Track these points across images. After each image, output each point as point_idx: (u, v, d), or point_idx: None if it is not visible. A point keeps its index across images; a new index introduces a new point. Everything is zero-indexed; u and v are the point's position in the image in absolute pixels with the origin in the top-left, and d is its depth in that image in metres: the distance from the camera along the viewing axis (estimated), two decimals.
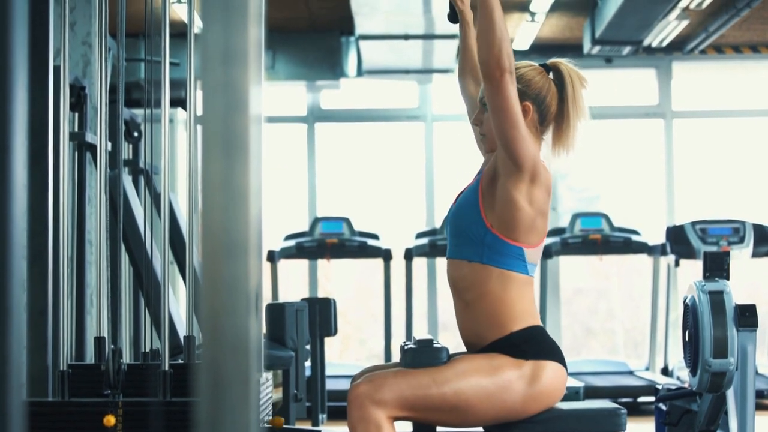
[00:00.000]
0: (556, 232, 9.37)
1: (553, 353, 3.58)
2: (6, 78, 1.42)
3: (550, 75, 3.72)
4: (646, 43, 9.69)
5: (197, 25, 1.66)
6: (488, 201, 3.58)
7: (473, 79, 3.98)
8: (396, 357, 5.74)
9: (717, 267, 4.65)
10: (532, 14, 9.24)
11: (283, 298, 9.50)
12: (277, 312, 5.46)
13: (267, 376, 3.99)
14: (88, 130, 5.49)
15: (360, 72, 10.32)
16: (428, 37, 8.98)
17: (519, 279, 3.58)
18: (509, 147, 3.49)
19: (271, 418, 4.00)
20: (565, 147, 3.71)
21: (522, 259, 3.58)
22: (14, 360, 1.42)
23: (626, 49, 9.63)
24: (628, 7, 8.18)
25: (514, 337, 3.56)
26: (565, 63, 3.73)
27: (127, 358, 6.22)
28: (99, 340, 3.93)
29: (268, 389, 4.01)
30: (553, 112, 3.69)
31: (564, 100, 3.68)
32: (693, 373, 4.55)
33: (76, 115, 5.51)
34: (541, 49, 10.57)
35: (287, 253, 9.32)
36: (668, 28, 9.32)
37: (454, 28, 4.11)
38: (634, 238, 9.35)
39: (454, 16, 4.05)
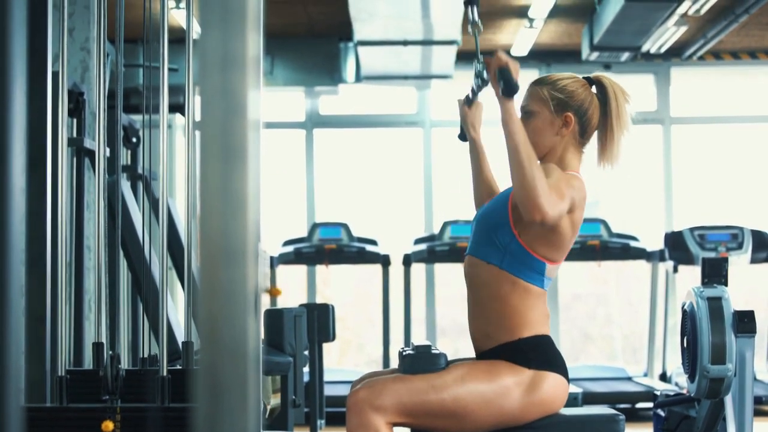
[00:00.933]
0: None
1: (557, 365, 3.58)
2: (5, 83, 1.42)
3: (593, 88, 3.75)
4: (644, 49, 9.69)
5: (196, 31, 1.66)
6: (518, 214, 3.56)
7: (489, 195, 3.98)
8: (395, 363, 5.75)
9: (715, 273, 4.65)
10: (531, 20, 9.25)
11: (281, 303, 9.49)
12: (275, 318, 5.46)
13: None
14: (87, 135, 5.49)
15: (358, 78, 10.32)
16: (427, 42, 8.98)
17: (533, 291, 3.59)
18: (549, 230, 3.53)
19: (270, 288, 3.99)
20: (610, 160, 3.76)
21: (541, 274, 3.60)
22: (13, 365, 1.42)
23: (625, 55, 9.64)
24: (627, 14, 8.18)
25: (522, 343, 3.57)
26: (608, 77, 3.77)
27: (125, 363, 6.22)
28: (97, 346, 3.93)
29: None
30: (594, 125, 3.72)
31: (608, 114, 3.71)
32: (691, 379, 4.55)
33: (75, 120, 5.51)
34: (539, 55, 10.58)
35: (286, 259, 9.32)
36: (667, 35, 9.33)
37: (453, 34, 4.11)
38: (633, 244, 9.34)
39: (464, 136, 4.07)
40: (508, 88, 3.42)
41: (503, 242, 3.57)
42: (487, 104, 3.89)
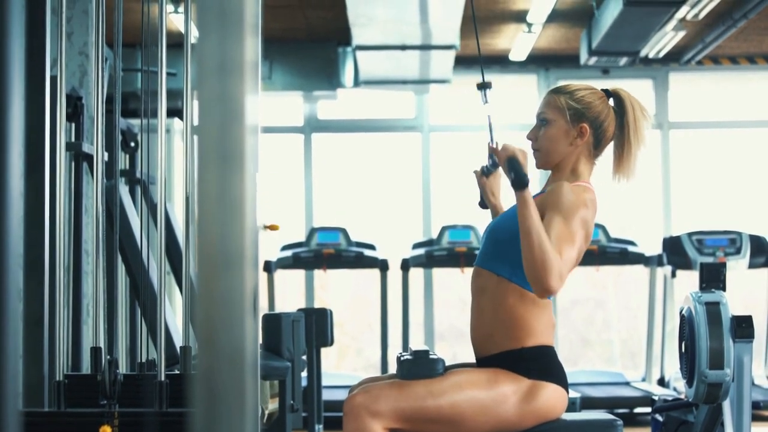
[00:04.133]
0: None
1: (557, 376, 3.58)
2: (3, 88, 1.42)
3: (610, 101, 3.74)
4: (642, 54, 9.70)
5: (194, 36, 1.66)
6: None
7: None
8: (393, 367, 5.74)
9: (713, 278, 4.65)
10: (529, 25, 9.26)
11: (279, 308, 9.49)
12: (273, 322, 5.45)
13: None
14: (85, 140, 5.49)
15: (357, 82, 10.32)
16: (425, 47, 8.98)
17: (540, 302, 3.60)
18: None
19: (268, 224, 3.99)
20: (626, 174, 3.76)
21: None
22: (10, 370, 1.42)
23: (623, 60, 9.65)
24: (625, 18, 8.19)
25: (525, 352, 3.57)
26: (626, 91, 3.76)
27: (123, 368, 6.22)
28: (95, 350, 3.93)
29: None
30: (608, 138, 3.72)
31: (624, 127, 3.71)
32: (689, 384, 4.55)
33: (73, 125, 5.50)
34: (538, 59, 10.58)
35: (284, 264, 9.32)
36: (665, 39, 9.33)
37: (451, 38, 4.11)
38: (631, 248, 9.34)
39: (484, 204, 4.05)
40: (518, 180, 3.41)
41: (513, 256, 3.56)
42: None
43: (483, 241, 3.76)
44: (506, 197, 3.81)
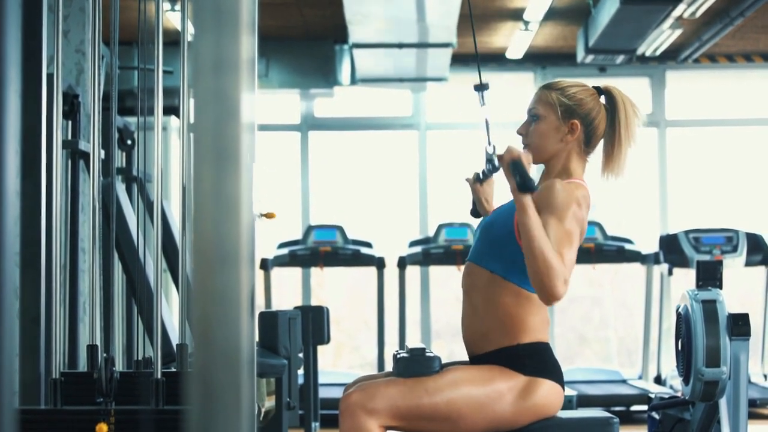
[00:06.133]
0: None
1: (553, 373, 3.58)
2: None
3: (602, 98, 3.74)
4: (639, 52, 9.71)
5: (190, 33, 1.66)
6: None
7: None
8: (389, 365, 5.73)
9: (710, 276, 4.65)
10: (526, 23, 9.26)
11: (276, 306, 9.49)
12: (269, 320, 5.45)
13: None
14: (82, 137, 5.49)
15: (354, 80, 10.32)
16: (422, 45, 8.98)
17: (535, 299, 3.57)
18: None
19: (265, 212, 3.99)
20: (615, 172, 3.75)
21: None
22: (6, 367, 1.42)
23: (620, 58, 9.65)
24: (622, 16, 8.19)
25: (520, 349, 3.57)
26: (617, 89, 3.75)
27: (119, 365, 6.22)
28: (91, 348, 3.93)
29: None
30: (599, 135, 3.71)
31: (615, 125, 3.70)
32: (686, 382, 4.55)
33: (70, 122, 5.51)
34: (534, 57, 10.58)
35: (280, 261, 9.32)
36: (662, 37, 9.34)
37: (448, 37, 4.10)
38: (628, 246, 9.35)
39: (476, 212, 4.00)
40: (525, 184, 3.35)
41: (508, 253, 3.56)
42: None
43: (476, 238, 3.74)
44: (498, 201, 3.79)
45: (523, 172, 3.37)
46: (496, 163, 3.57)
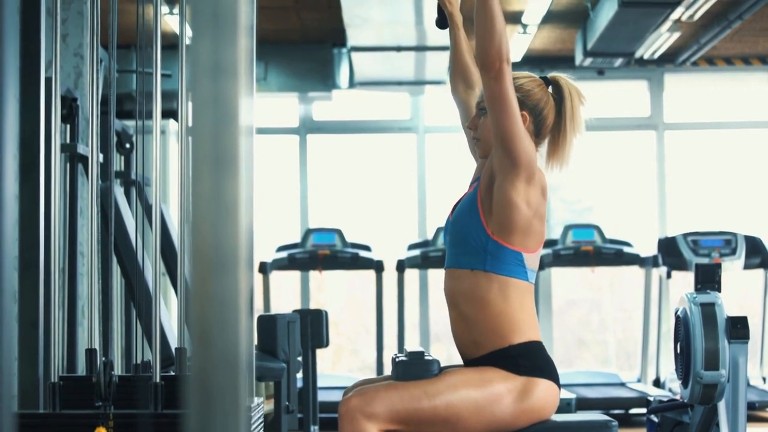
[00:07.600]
0: (548, 243, 9.36)
1: (548, 371, 3.57)
2: None
3: (549, 89, 3.73)
4: (638, 55, 9.71)
5: (189, 37, 1.67)
6: (487, 206, 3.57)
7: (464, 82, 3.98)
8: (388, 368, 5.72)
9: (708, 279, 4.65)
10: (524, 26, 9.26)
11: (274, 309, 9.49)
12: (268, 323, 5.46)
13: (258, 401, 3.98)
14: (80, 141, 5.49)
15: (352, 83, 10.33)
16: (420, 48, 8.99)
17: (520, 286, 3.56)
18: (507, 142, 3.47)
19: None
20: (560, 161, 3.71)
21: (522, 265, 3.57)
22: (5, 371, 1.42)
23: (618, 61, 9.65)
24: (620, 20, 8.20)
25: (513, 350, 3.56)
26: (564, 78, 3.74)
27: (118, 369, 6.21)
28: (90, 352, 3.93)
29: (259, 414, 4.01)
30: (548, 125, 3.69)
31: (562, 114, 3.68)
32: (684, 384, 4.55)
33: (68, 126, 5.51)
34: (533, 60, 10.59)
35: (279, 265, 9.32)
36: (660, 40, 9.34)
37: (446, 40, 4.10)
38: (626, 249, 9.35)
39: (442, 22, 4.03)
40: None
41: (480, 244, 3.56)
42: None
43: (447, 242, 3.74)
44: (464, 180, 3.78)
45: None
46: None
